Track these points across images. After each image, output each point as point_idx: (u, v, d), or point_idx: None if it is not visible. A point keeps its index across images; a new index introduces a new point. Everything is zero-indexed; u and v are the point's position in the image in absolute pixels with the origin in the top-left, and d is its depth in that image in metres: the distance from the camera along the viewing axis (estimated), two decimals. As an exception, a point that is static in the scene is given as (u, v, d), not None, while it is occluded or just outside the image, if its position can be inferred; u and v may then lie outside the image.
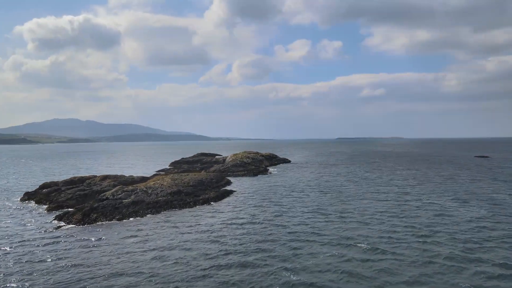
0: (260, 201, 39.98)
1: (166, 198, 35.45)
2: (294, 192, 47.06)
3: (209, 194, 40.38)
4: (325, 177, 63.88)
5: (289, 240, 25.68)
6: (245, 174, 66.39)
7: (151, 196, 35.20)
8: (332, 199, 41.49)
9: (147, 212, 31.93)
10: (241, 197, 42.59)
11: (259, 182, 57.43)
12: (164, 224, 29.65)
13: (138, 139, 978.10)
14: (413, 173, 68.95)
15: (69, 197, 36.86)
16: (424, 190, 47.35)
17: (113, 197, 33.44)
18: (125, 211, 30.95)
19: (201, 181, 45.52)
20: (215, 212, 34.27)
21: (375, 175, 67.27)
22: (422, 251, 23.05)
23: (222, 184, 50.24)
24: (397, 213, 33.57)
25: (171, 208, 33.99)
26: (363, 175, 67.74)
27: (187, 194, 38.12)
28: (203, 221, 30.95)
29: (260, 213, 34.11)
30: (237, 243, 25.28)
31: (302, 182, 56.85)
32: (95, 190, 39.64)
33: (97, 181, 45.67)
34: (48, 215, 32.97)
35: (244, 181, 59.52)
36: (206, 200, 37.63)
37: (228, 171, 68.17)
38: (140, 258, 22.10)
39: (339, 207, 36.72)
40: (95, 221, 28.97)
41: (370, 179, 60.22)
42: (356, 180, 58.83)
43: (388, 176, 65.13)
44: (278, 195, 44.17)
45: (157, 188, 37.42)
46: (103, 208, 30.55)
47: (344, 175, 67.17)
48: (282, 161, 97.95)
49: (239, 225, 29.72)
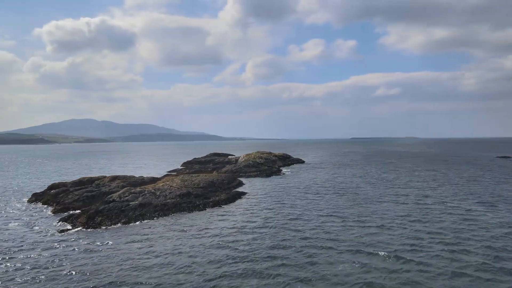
0: (272, 204, 38.30)
1: (174, 200, 34.07)
2: (309, 194, 45.22)
3: (220, 196, 38.87)
4: (340, 178, 61.76)
5: (303, 247, 23.93)
6: (258, 175, 64.74)
7: (159, 198, 33.87)
8: (349, 201, 39.50)
9: (154, 215, 30.53)
10: (253, 199, 40.98)
11: (272, 183, 55.72)
12: (171, 228, 28.23)
13: (153, 139, 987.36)
14: (432, 175, 66.19)
15: (75, 198, 35.83)
16: (446, 192, 44.88)
17: (120, 199, 32.23)
18: (132, 214, 29.62)
19: (212, 182, 44.05)
20: (225, 215, 32.72)
21: (392, 176, 64.80)
22: (450, 261, 21.01)
23: (234, 185, 48.71)
24: (419, 218, 31.43)
25: (179, 211, 32.57)
26: (379, 176, 65.33)
27: (196, 196, 36.68)
28: (213, 225, 29.43)
29: (273, 217, 32.43)
30: (247, 249, 23.67)
31: (317, 184, 54.91)
32: (103, 192, 38.57)
33: (106, 182, 44.69)
34: (53, 218, 31.95)
35: (257, 182, 57.89)
36: (217, 203, 36.10)
37: (241, 172, 66.63)
38: (143, 265, 20.68)
39: (357, 211, 34.75)
40: (100, 225, 27.70)
41: (388, 181, 57.85)
42: (372, 182, 56.56)
43: (406, 177, 62.60)
44: (291, 197, 42.41)
45: (166, 190, 36.08)
46: (108, 211, 29.30)
47: (360, 176, 64.88)
48: (295, 161, 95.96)
49: (250, 230, 28.10)
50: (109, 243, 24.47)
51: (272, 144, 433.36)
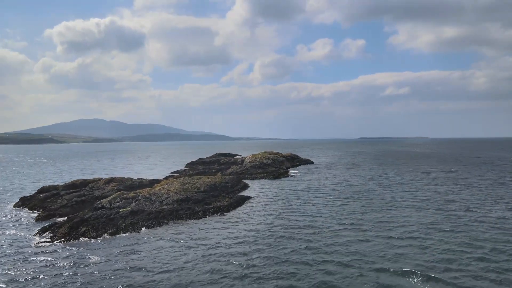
0: (280, 210, 34.76)
1: (171, 206, 30.69)
2: (319, 198, 41.61)
3: (222, 201, 35.42)
4: (352, 180, 57.96)
5: (316, 263, 20.43)
6: (265, 177, 61.20)
7: (154, 204, 30.57)
8: (364, 207, 35.79)
9: (147, 224, 27.11)
10: (259, 204, 37.46)
11: (280, 186, 52.16)
12: (164, 239, 24.85)
13: (160, 138, 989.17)
14: (450, 177, 62.04)
15: (63, 204, 32.64)
16: (470, 196, 40.93)
17: (110, 206, 28.99)
18: (121, 223, 26.27)
19: (214, 185, 40.63)
20: (227, 223, 29.27)
21: (408, 178, 60.82)
22: (498, 285, 17.34)
23: (238, 188, 45.23)
24: (447, 227, 27.69)
25: (176, 218, 29.11)
26: (394, 178, 61.39)
27: (196, 202, 33.27)
28: (212, 235, 26.00)
29: (280, 225, 28.91)
30: (250, 265, 20.26)
31: (327, 186, 51.22)
32: (95, 196, 35.40)
33: (101, 185, 41.56)
34: (35, 226, 28.74)
35: (263, 184, 54.35)
36: (218, 209, 32.61)
37: (246, 173, 63.17)
38: (126, 286, 17.34)
39: (374, 218, 31.07)
40: (83, 236, 24.39)
41: (404, 183, 53.94)
42: (387, 184, 52.68)
43: (422, 179, 58.59)
44: (301, 202, 38.84)
45: (162, 195, 32.77)
46: (95, 220, 26.00)
47: (373, 178, 61.00)
48: (304, 162, 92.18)
49: (254, 241, 24.63)
50: (89, 259, 21.14)
51: (279, 144, 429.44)
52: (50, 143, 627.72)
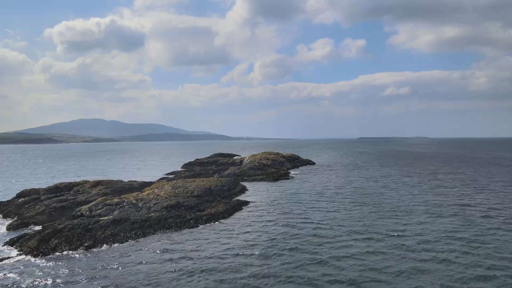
0: (280, 217, 31.65)
1: (159, 214, 27.57)
2: (323, 202, 38.51)
3: (217, 207, 32.26)
4: (356, 182, 54.86)
5: (324, 282, 17.39)
6: (264, 179, 58.04)
7: (140, 212, 27.47)
8: (373, 213, 32.68)
9: (130, 235, 23.92)
10: (257, 210, 34.31)
11: (280, 189, 49.05)
12: (148, 253, 21.73)
13: (160, 138, 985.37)
14: (459, 178, 58.96)
15: (40, 210, 29.52)
16: (486, 201, 37.84)
17: (90, 214, 25.90)
18: (100, 234, 23.12)
19: (209, 189, 37.48)
20: (221, 233, 26.15)
21: (415, 179, 57.75)
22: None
23: (236, 192, 42.08)
24: (468, 235, 24.65)
25: (164, 228, 25.94)
26: (400, 179, 58.31)
27: (188, 208, 30.12)
28: (203, 248, 22.88)
29: (281, 235, 25.81)
30: (245, 284, 17.22)
31: (331, 189, 48.14)
32: (79, 201, 32.30)
33: (86, 189, 38.45)
34: (5, 237, 25.63)
35: (262, 187, 51.21)
36: (212, 216, 29.44)
37: (245, 175, 60.03)
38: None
39: (385, 225, 27.99)
40: (54, 250, 21.26)
41: (411, 185, 50.87)
42: (394, 187, 49.59)
43: (430, 181, 55.52)
44: (303, 207, 35.73)
45: (151, 200, 29.66)
46: (70, 231, 22.86)
47: (379, 180, 57.91)
48: (305, 162, 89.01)
49: (250, 256, 21.54)
50: (56, 279, 18.04)
51: (279, 144, 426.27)
52: (49, 143, 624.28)
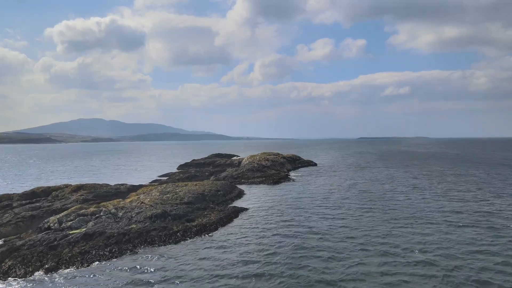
0: (281, 226, 27.97)
1: (142, 225, 23.87)
2: (328, 208, 34.85)
3: (210, 215, 28.49)
4: (362, 185, 51.20)
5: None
6: (263, 181, 54.30)
7: (120, 223, 23.79)
8: (386, 222, 28.99)
9: (103, 253, 20.13)
10: (255, 219, 30.59)
11: (280, 193, 45.37)
12: (121, 277, 18.03)
13: (160, 138, 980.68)
14: (471, 180, 55.34)
15: (6, 220, 25.82)
16: (510, 207, 34.17)
17: (59, 226, 22.25)
18: (67, 252, 19.40)
19: (202, 194, 33.74)
20: (211, 249, 22.45)
21: (424, 182, 54.12)
22: None
23: (232, 197, 38.35)
24: (502, 251, 20.98)
25: (146, 243, 22.15)
26: (408, 182, 54.67)
27: (176, 218, 26.40)
28: (188, 268, 19.19)
29: (282, 249, 22.16)
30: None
31: (335, 193, 44.49)
32: (54, 209, 28.62)
33: (66, 194, 34.78)
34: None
35: (261, 191, 47.50)
36: (203, 227, 25.67)
37: (243, 177, 56.32)
38: None
39: (402, 237, 24.34)
40: (7, 274, 17.58)
41: (421, 189, 47.26)
42: (403, 190, 45.91)
43: (441, 184, 51.86)
44: (306, 215, 32.06)
45: (133, 209, 26.00)
46: (29, 249, 19.21)
47: (385, 182, 54.24)
48: (306, 164, 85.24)
49: (245, 277, 17.89)
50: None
51: (279, 144, 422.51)
52: (48, 142, 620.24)
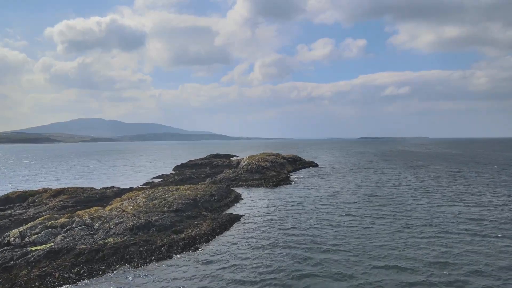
0: (281, 237, 24.68)
1: (120, 239, 20.54)
2: (332, 214, 31.57)
3: (201, 225, 25.11)
4: (367, 188, 47.91)
5: None
6: (262, 184, 50.93)
7: (95, 236, 20.49)
8: (399, 232, 25.66)
9: (67, 277, 16.72)
10: (251, 228, 27.25)
11: (280, 196, 42.07)
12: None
13: (159, 138, 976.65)
14: (484, 183, 52.07)
15: (-35, 233, 22.57)
16: (534, 215, 30.88)
17: (21, 241, 18.97)
18: (23, 275, 16.02)
19: (194, 200, 30.37)
20: (199, 267, 19.13)
21: (434, 184, 50.84)
22: None
23: (227, 202, 34.97)
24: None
25: (122, 261, 18.75)
26: (417, 184, 51.41)
27: (161, 229, 23.07)
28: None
29: (283, 267, 18.89)
30: None
31: (339, 197, 41.20)
32: (25, 217, 25.31)
33: (44, 199, 31.48)
34: None
35: (260, 195, 44.16)
36: (192, 240, 22.28)
37: (240, 180, 52.96)
38: None
39: (423, 252, 21.06)
40: None
41: (432, 192, 44.06)
42: (413, 195, 42.60)
43: (451, 186, 48.59)
44: (308, 223, 28.76)
45: (113, 219, 22.70)
46: (-24, 272, 15.91)
47: (392, 185, 50.95)
48: (307, 164, 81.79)
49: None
50: None
51: (279, 143, 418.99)
52: (47, 142, 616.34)
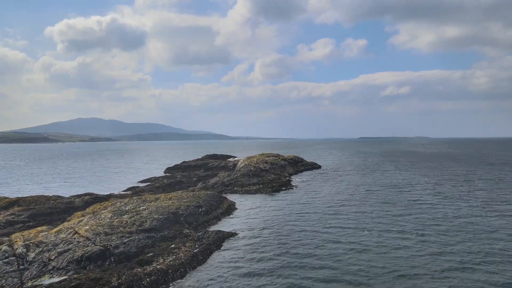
0: (280, 265, 19.03)
1: (58, 278, 14.91)
2: (342, 229, 25.93)
3: (179, 250, 19.35)
4: (378, 193, 42.31)
5: None
6: (260, 190, 45.13)
7: (26, 272, 14.83)
8: (434, 257, 19.99)
9: None
10: (244, 252, 21.49)
11: (280, 206, 36.36)
12: None
13: (159, 138, 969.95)
14: (510, 188, 46.43)
15: None
16: None
17: None
18: None
19: (174, 214, 24.61)
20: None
21: (452, 190, 45.25)
22: None
23: (217, 214, 29.17)
24: None
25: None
26: (434, 189, 45.92)
27: (122, 259, 17.33)
28: None
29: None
30: None
31: (348, 205, 35.59)
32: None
33: (-8, 212, 25.89)
34: None
35: (257, 203, 38.37)
36: (162, 276, 16.37)
37: (236, 185, 47.20)
38: None
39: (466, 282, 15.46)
40: None
41: (452, 198, 38.73)
42: (433, 202, 36.97)
43: (473, 192, 43.04)
44: (313, 243, 23.09)
45: (57, 245, 17.08)
46: None
47: (405, 189, 45.32)
48: (310, 166, 75.73)
49: None
50: None
51: (279, 143, 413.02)
52: (45, 142, 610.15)
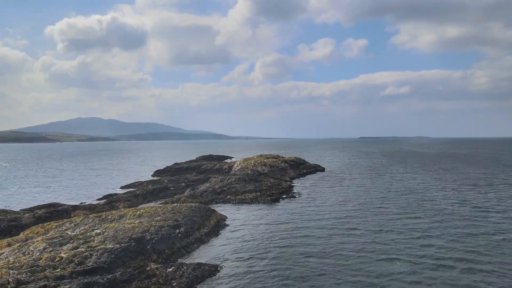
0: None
1: None
2: (367, 254, 19.98)
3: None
4: (394, 202, 36.43)
5: None
6: (257, 198, 38.99)
7: None
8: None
9: None
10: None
11: (280, 221, 30.32)
12: None
13: (159, 137, 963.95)
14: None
15: None
16: None
17: None
18: None
19: (139, 241, 18.45)
20: None
21: (477, 195, 39.92)
22: None
23: (201, 236, 23.15)
24: None
25: None
26: (455, 195, 40.37)
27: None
28: None
29: None
30: None
31: (363, 218, 29.74)
32: None
33: None
34: None
35: (252, 217, 32.25)
36: None
37: (229, 192, 41.13)
38: None
39: None
40: None
41: (482, 207, 32.92)
42: (462, 213, 31.06)
43: (501, 199, 37.26)
44: (325, 277, 17.21)
45: None
46: None
47: (425, 198, 39.28)
48: (313, 169, 69.12)
49: None
50: None
51: (279, 143, 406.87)
52: (43, 142, 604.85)
